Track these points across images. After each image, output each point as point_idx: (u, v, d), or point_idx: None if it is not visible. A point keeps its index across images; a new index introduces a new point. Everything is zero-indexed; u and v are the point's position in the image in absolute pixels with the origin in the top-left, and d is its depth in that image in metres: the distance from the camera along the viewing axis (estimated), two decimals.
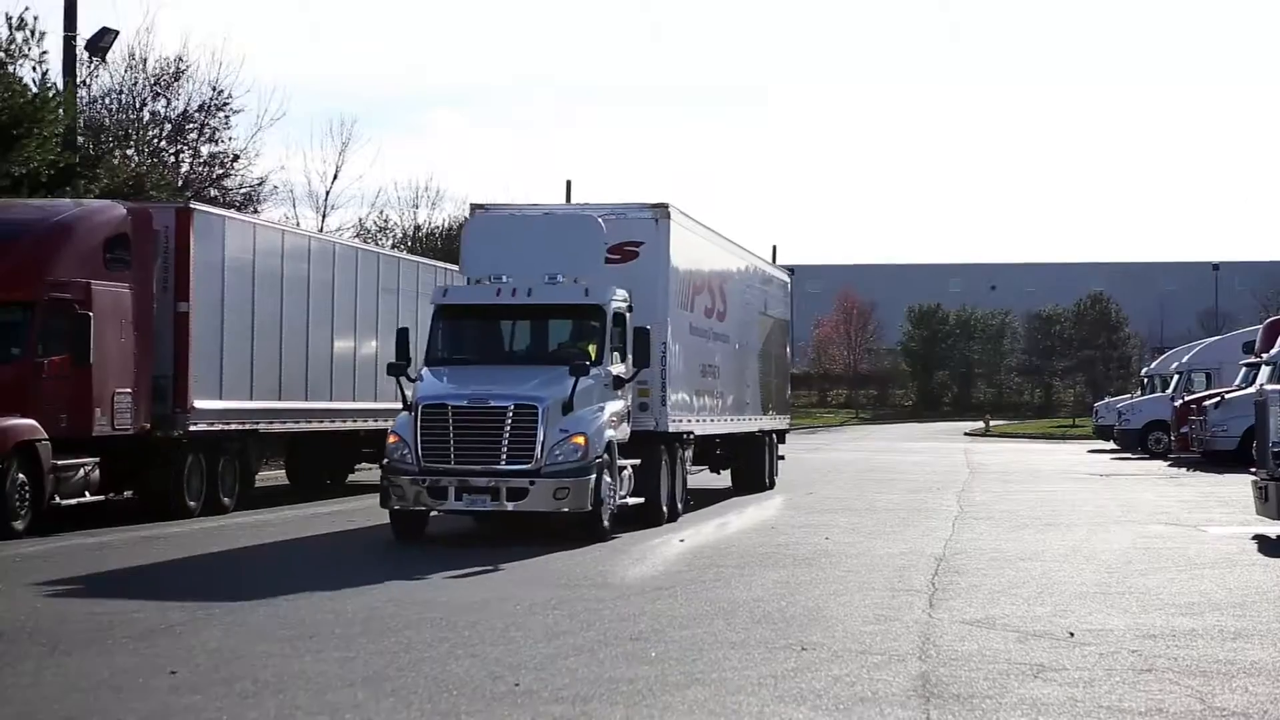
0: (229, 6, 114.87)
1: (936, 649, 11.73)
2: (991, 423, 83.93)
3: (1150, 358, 74.70)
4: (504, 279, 21.23)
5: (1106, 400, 67.54)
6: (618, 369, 21.10)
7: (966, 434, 76.91)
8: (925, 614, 13.54)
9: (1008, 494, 30.34)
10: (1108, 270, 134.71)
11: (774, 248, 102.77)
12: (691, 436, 24.60)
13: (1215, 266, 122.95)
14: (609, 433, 20.05)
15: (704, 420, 25.71)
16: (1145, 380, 59.08)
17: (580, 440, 19.43)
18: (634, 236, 22.83)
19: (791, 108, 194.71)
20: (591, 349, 20.69)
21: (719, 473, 30.30)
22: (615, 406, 20.70)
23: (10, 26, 30.20)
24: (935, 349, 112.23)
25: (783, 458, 33.11)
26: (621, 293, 21.42)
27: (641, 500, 21.85)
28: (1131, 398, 58.65)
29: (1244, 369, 42.09)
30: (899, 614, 13.51)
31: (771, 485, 31.58)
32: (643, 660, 11.17)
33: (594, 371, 20.20)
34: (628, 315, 21.57)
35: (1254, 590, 15.32)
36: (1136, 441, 51.12)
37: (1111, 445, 55.73)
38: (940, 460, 46.68)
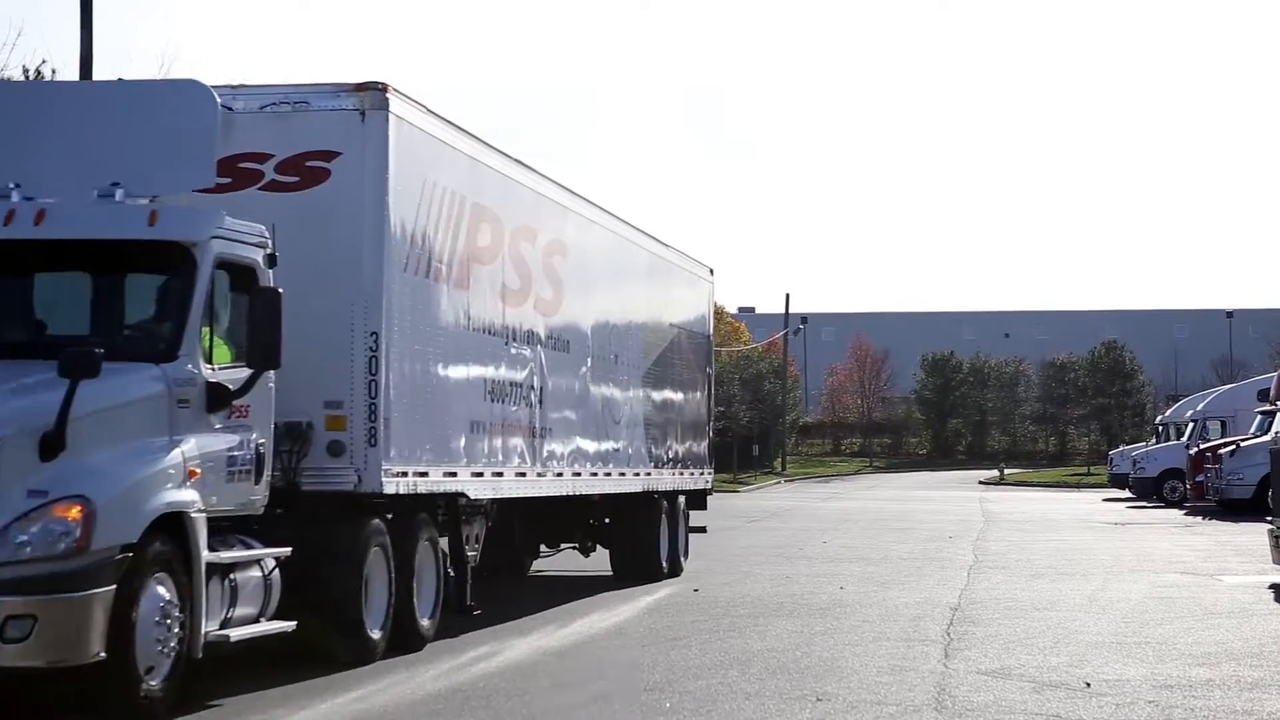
0: (240, 58, 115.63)
1: (952, 699, 11.68)
2: (1006, 471, 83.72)
3: (1165, 405, 74.54)
4: (12, 193, 11.91)
5: (1121, 448, 67.39)
6: (226, 373, 11.59)
7: (981, 482, 76.71)
8: (941, 664, 13.49)
9: (1023, 543, 30.23)
10: (1121, 318, 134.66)
11: (787, 295, 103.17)
12: (481, 504, 15.98)
13: (1229, 314, 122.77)
14: (173, 496, 10.74)
15: (500, 474, 16.04)
16: (1160, 428, 58.97)
17: (71, 512, 9.99)
18: (320, 142, 13.44)
19: (804, 154, 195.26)
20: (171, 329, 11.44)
21: (588, 554, 22.15)
22: (206, 445, 11.34)
23: (26, 76, 30.44)
24: (949, 397, 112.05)
25: (702, 530, 24.29)
26: (248, 228, 12.07)
27: (293, 625, 12.29)
28: (1146, 446, 58.53)
29: (1259, 417, 41.93)
30: (914, 664, 13.46)
31: (673, 573, 22.08)
32: (657, 711, 11.12)
33: (149, 374, 11.07)
34: (262, 272, 12.09)
35: (1271, 640, 15.24)
36: (1151, 490, 50.98)
37: (1126, 494, 55.56)
38: (955, 509, 46.54)
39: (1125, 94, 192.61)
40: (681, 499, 23.31)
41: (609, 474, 19.88)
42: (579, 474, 18.72)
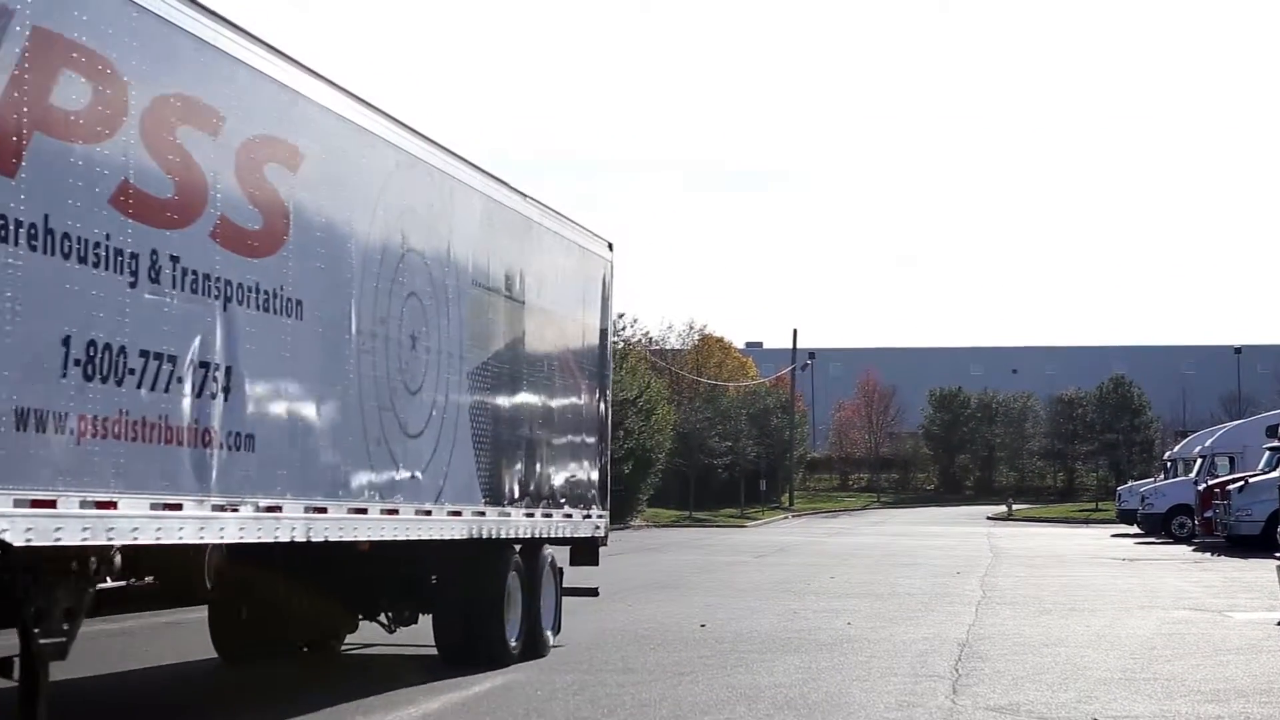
0: None
1: None
2: (1014, 506, 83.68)
3: (1173, 441, 74.55)
4: None
5: (1130, 484, 67.32)
6: None
7: (989, 518, 76.63)
8: (949, 700, 13.45)
9: (1031, 579, 30.16)
10: (1129, 353, 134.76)
11: (794, 330, 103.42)
12: (76, 555, 9.56)
13: (1237, 350, 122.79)
14: None
15: (109, 504, 9.38)
16: (1168, 464, 58.95)
17: None
18: None
19: (812, 191, 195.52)
20: None
21: (394, 629, 16.28)
22: None
23: None
24: (957, 432, 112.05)
25: (593, 593, 18.71)
26: None
27: None
28: (1154, 482, 58.47)
29: (1267, 453, 42.01)
30: (922, 700, 13.42)
31: (531, 653, 16.12)
32: None
33: None
34: None
35: None
36: (1160, 526, 50.91)
37: (1135, 529, 55.48)
38: (963, 544, 46.47)
39: (1135, 129, 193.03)
40: (549, 552, 17.18)
41: (393, 511, 13.21)
42: (323, 510, 11.98)
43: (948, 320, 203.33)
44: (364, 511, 12.73)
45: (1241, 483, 40.87)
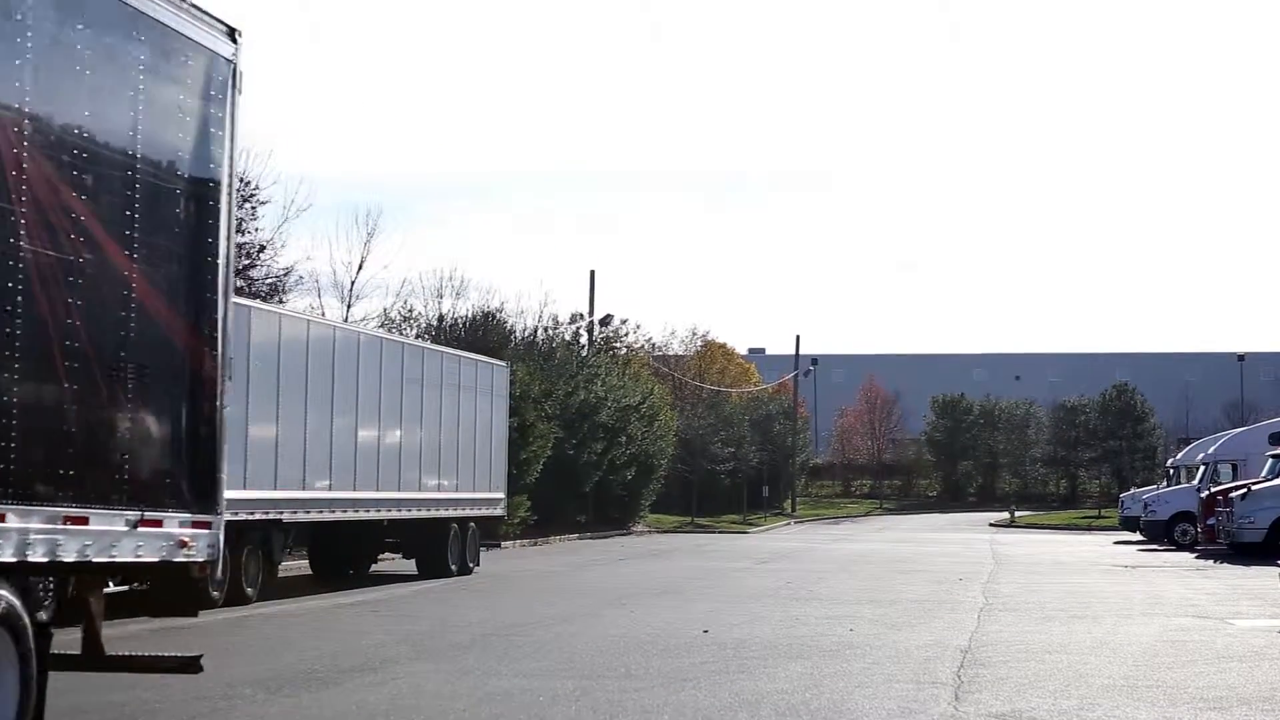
0: (255, 99, 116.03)
1: None
2: (1017, 513, 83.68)
3: (1176, 448, 74.50)
4: None
5: (1132, 491, 67.28)
6: None
7: (991, 524, 76.62)
8: (951, 707, 13.45)
9: (1033, 585, 30.16)
10: (1132, 360, 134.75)
11: (797, 337, 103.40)
12: None
13: (1240, 357, 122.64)
14: None
15: None
16: (1171, 471, 58.91)
17: None
18: None
19: (814, 197, 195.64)
20: None
21: None
22: None
23: None
24: (959, 439, 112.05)
25: (191, 667, 11.62)
26: None
27: None
28: (1157, 489, 58.45)
29: (1270, 460, 42.05)
30: (924, 707, 13.42)
31: None
32: None
33: None
34: None
35: None
36: (1163, 533, 50.88)
37: (1137, 536, 55.44)
38: (965, 551, 46.47)
39: (1137, 135, 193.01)
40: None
41: None
42: None
43: (950, 327, 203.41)
44: None
45: (1244, 490, 40.88)
